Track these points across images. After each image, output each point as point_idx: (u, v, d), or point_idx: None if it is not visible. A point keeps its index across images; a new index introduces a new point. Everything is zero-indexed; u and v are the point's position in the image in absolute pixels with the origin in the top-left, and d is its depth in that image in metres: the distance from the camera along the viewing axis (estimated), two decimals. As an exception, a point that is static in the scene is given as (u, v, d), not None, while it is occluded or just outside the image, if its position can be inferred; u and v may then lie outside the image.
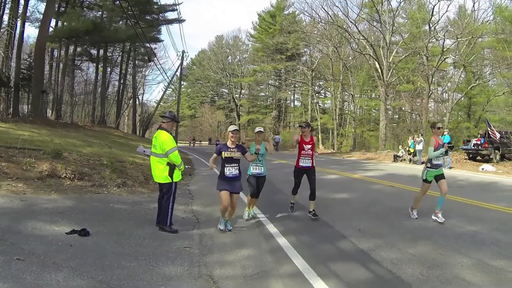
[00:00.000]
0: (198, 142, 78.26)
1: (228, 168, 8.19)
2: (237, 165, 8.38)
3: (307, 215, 9.59)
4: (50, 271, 5.22)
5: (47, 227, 7.20)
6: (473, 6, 39.27)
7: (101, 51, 48.11)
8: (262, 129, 9.30)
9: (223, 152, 8.21)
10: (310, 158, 9.84)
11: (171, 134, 8.12)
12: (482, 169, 22.29)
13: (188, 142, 74.05)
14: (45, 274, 5.11)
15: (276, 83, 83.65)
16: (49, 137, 17.48)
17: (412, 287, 5.51)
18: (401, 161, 29.61)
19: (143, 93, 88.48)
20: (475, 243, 7.62)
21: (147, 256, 6.34)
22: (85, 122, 43.93)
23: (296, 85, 75.71)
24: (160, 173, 7.96)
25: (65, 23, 38.48)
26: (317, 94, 73.06)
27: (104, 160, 14.28)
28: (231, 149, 8.29)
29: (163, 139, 7.84)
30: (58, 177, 11.34)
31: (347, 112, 65.45)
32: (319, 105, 70.10)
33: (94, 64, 49.05)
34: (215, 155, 8.38)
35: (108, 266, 5.68)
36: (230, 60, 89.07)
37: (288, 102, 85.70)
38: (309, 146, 9.80)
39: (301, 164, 9.89)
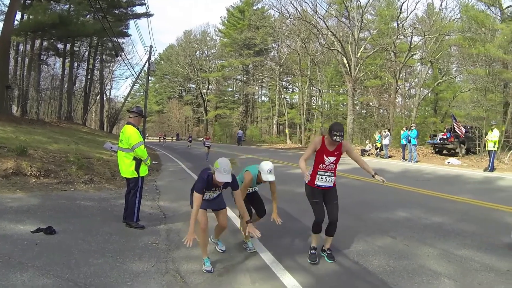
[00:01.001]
0: (170, 138, 72.52)
1: (208, 193, 6.01)
2: (220, 191, 6.25)
3: (272, 208, 9.47)
4: (15, 271, 5.11)
5: (12, 226, 7.03)
6: (441, 4, 40.31)
7: (68, 46, 46.86)
8: (274, 178, 6.67)
9: (204, 191, 5.77)
10: (332, 175, 6.53)
11: (138, 129, 8.01)
12: (448, 162, 22.75)
13: (158, 138, 69.38)
14: (10, 274, 5.00)
15: (244, 78, 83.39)
16: (14, 134, 17.11)
17: (379, 278, 5.56)
18: (368, 155, 30.01)
19: (111, 88, 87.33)
20: (441, 234, 7.77)
21: (114, 253, 6.25)
22: (52, 118, 42.61)
23: (264, 80, 75.61)
24: (126, 168, 7.85)
25: (31, 16, 37.50)
26: (284, 89, 73.16)
27: (70, 157, 14.03)
28: (217, 188, 6.05)
29: (129, 133, 7.74)
30: (24, 174, 11.11)
31: (314, 107, 65.53)
32: (286, 100, 70.32)
33: (61, 59, 47.67)
34: (198, 196, 5.59)
35: (75, 264, 5.59)
36: (198, 55, 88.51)
37: (255, 97, 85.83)
38: (333, 159, 6.41)
39: (317, 182, 6.49)
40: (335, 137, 5.96)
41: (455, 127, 25.89)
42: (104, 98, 63.81)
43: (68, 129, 33.18)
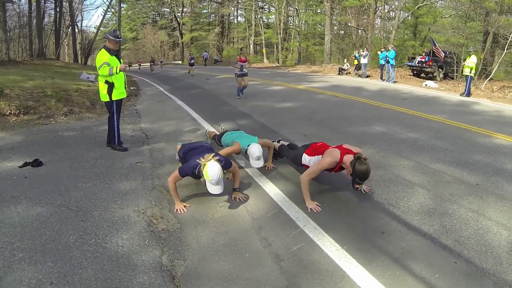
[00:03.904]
0: (159, 64, 53.46)
1: None
2: None
3: (251, 121, 9.54)
4: (9, 205, 5.16)
5: (-1, 165, 7.00)
6: None
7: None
8: (263, 164, 6.11)
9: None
10: None
11: (113, 52, 7.79)
12: (426, 85, 22.90)
13: (138, 65, 56.15)
14: (5, 208, 5.05)
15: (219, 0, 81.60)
16: (-13, 78, 16.62)
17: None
18: (346, 74, 29.86)
19: (82, 19, 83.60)
20: (416, 148, 8.03)
21: (101, 176, 6.36)
22: (24, 57, 40.66)
23: (240, 1, 73.91)
24: (101, 92, 7.80)
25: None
26: (261, 9, 71.49)
27: (48, 91, 13.72)
28: None
29: (98, 57, 7.60)
30: (3, 115, 10.86)
31: (291, 26, 64.68)
32: (263, 20, 68.98)
33: (26, -6, 45.39)
34: (178, 177, 5.22)
35: (65, 191, 5.68)
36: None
37: (231, 18, 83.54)
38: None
39: None
40: (357, 186, 5.14)
41: (434, 50, 25.91)
42: (76, 30, 60.55)
43: (42, 65, 32.01)
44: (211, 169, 4.84)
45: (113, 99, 7.76)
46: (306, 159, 5.76)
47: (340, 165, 5.19)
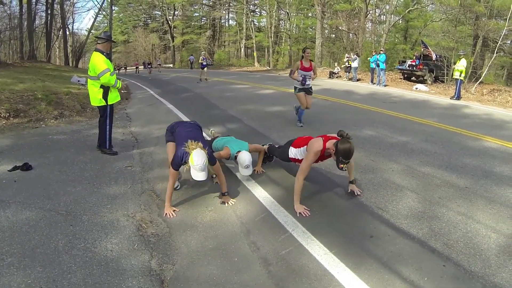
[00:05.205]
0: (157, 67, 52.18)
1: None
2: None
3: (241, 125, 9.54)
4: None
5: (-12, 169, 6.92)
6: None
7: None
8: (251, 172, 6.14)
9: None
10: None
11: (106, 55, 7.75)
12: (416, 88, 22.98)
13: (135, 67, 53.95)
14: None
15: (210, 3, 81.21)
16: (-24, 80, 16.50)
17: (345, 190, 5.82)
18: (336, 77, 29.98)
19: (73, 22, 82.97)
20: (405, 152, 8.04)
21: (90, 180, 6.30)
22: (14, 59, 40.19)
23: (231, 4, 74.00)
24: (94, 96, 7.67)
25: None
26: (252, 13, 71.75)
27: (38, 94, 13.62)
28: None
29: (95, 61, 7.44)
30: None
31: (282, 30, 64.93)
32: (254, 23, 69.17)
33: (17, -4, 44.90)
34: (174, 173, 5.19)
35: (54, 195, 5.63)
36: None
37: (223, 21, 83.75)
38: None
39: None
40: (341, 165, 5.02)
41: (427, 53, 26.01)
42: (67, 33, 60.10)
43: (32, 68, 31.63)
44: (196, 155, 4.88)
45: (109, 103, 7.73)
46: (292, 151, 5.84)
47: (324, 151, 5.22)
